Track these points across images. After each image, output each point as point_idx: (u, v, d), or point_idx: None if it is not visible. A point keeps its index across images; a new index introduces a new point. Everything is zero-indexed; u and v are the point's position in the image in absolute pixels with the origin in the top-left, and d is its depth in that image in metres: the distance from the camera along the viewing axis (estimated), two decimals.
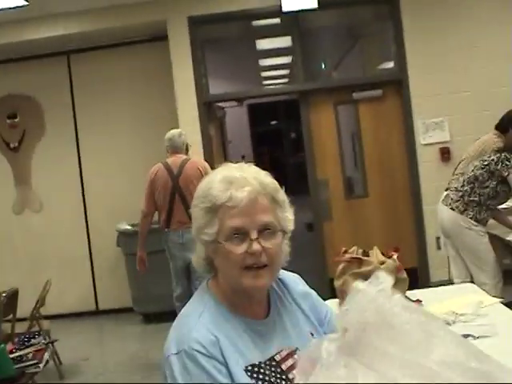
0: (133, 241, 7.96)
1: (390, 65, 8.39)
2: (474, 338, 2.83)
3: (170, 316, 8.13)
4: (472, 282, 5.19)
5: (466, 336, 2.85)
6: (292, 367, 1.83)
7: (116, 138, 8.61)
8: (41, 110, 8.71)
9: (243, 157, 14.44)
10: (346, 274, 3.49)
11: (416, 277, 7.79)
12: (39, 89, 8.66)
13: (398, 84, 8.07)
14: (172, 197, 6.27)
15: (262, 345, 1.87)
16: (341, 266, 3.57)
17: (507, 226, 5.78)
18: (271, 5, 7.75)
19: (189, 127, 7.93)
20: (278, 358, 1.86)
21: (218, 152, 8.70)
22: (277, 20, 8.49)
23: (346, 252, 3.61)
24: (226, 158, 9.60)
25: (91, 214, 8.71)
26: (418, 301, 3.35)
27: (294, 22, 8.09)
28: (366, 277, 3.37)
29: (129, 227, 8.13)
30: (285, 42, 8.90)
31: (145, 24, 8.04)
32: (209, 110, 8.31)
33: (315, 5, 7.50)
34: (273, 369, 1.84)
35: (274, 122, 18.90)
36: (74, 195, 8.68)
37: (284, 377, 1.83)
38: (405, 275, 3.47)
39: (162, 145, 8.40)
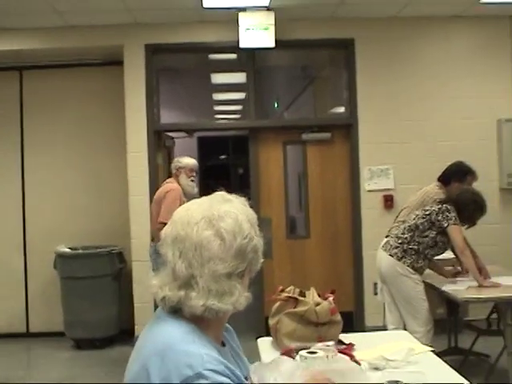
0: (70, 264, 7.88)
1: (341, 109, 8.50)
2: None
3: (101, 343, 8.05)
4: (405, 329, 5.25)
5: (394, 382, 2.87)
6: None
7: (62, 159, 8.50)
8: None
9: None
10: (280, 313, 3.51)
11: (351, 321, 7.84)
12: None
13: (347, 129, 8.17)
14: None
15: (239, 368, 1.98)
16: (276, 305, 3.59)
17: (443, 276, 5.88)
18: (229, 40, 7.79)
19: (137, 154, 7.91)
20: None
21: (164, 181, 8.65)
22: (233, 55, 8.56)
23: (282, 291, 3.63)
24: None
25: (30, 233, 8.55)
26: (351, 344, 3.36)
27: (250, 58, 8.15)
28: (300, 317, 3.41)
29: (67, 250, 8.02)
30: (239, 77, 8.95)
31: (101, 47, 8.00)
32: (158, 138, 8.28)
33: (272, 44, 7.58)
34: None
35: (222, 157, 18.96)
36: (14, 213, 8.51)
37: None
38: (339, 318, 3.50)
39: (106, 168, 8.41)
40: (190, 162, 7.14)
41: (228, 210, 1.87)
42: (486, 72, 8.17)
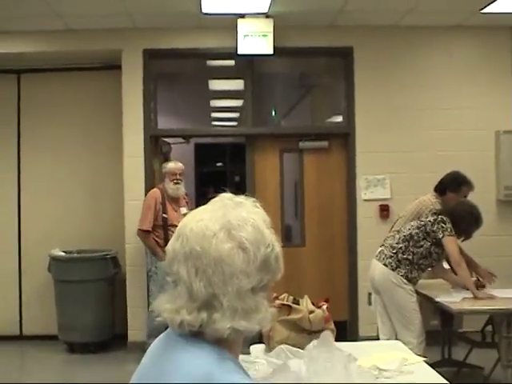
0: (64, 267, 7.87)
1: (339, 118, 8.51)
2: None
3: (95, 347, 8.03)
4: (397, 339, 5.23)
5: None
6: None
7: (58, 162, 8.49)
8: None
9: (186, 194, 14.40)
10: (274, 320, 3.48)
11: (345, 330, 7.82)
12: None
13: (344, 137, 8.17)
14: None
15: None
16: None
17: (456, 284, 5.86)
18: (227, 46, 7.79)
19: (133, 158, 7.91)
20: None
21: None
22: (231, 62, 8.56)
23: (276, 298, 3.60)
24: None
25: (25, 236, 8.53)
26: None
27: (248, 65, 8.15)
28: (293, 324, 3.40)
29: (62, 253, 8.00)
30: (237, 84, 8.95)
31: (100, 51, 8.01)
32: (155, 143, 8.28)
33: (271, 51, 7.59)
34: None
35: (219, 164, 18.93)
36: (9, 215, 8.49)
37: None
38: (332, 326, 3.49)
39: (102, 172, 8.40)
40: (172, 165, 7.52)
41: (246, 217, 1.65)
42: (486, 83, 8.16)
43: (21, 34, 7.81)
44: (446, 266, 6.07)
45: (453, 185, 6.41)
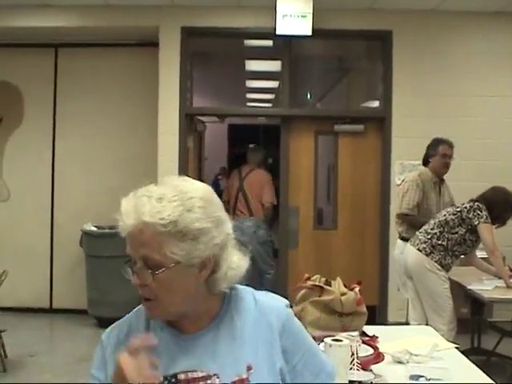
0: (96, 242, 7.91)
1: (375, 103, 8.43)
2: (426, 379, 2.81)
3: None
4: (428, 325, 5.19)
5: (418, 377, 2.83)
6: None
7: (93, 138, 8.54)
8: (21, 99, 8.60)
9: (218, 174, 14.43)
10: (305, 301, 3.47)
11: (374, 315, 7.78)
12: (23, 78, 8.56)
13: (380, 122, 8.10)
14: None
15: (175, 359, 1.78)
16: (302, 293, 3.55)
17: (488, 272, 5.85)
18: (265, 26, 7.76)
19: (168, 136, 7.90)
20: (181, 376, 1.75)
21: (192, 166, 8.66)
22: (269, 42, 8.51)
23: (308, 279, 3.58)
24: (200, 173, 9.56)
25: (58, 210, 8.59)
26: (375, 336, 3.32)
27: (286, 46, 8.10)
28: (325, 305, 3.37)
29: (94, 228, 8.04)
30: (274, 65, 8.90)
31: (137, 27, 7.99)
32: (190, 122, 8.27)
33: (309, 32, 7.53)
34: None
35: (252, 145, 18.90)
36: (43, 189, 8.56)
37: None
38: (364, 309, 3.45)
39: (137, 149, 8.41)
40: None
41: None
42: None
43: (59, 7, 7.83)
44: (478, 253, 6.03)
45: (430, 149, 6.58)
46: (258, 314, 1.84)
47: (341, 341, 2.36)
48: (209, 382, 1.74)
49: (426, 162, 6.64)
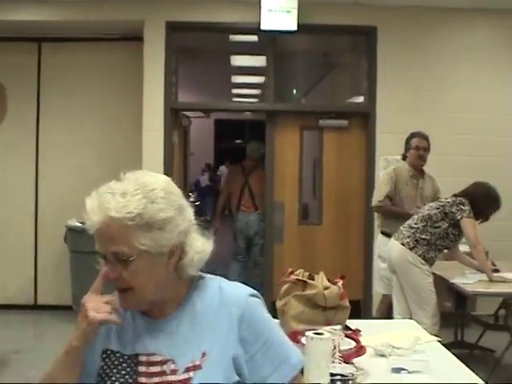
0: (80, 238, 7.87)
1: (360, 99, 8.46)
2: (408, 372, 2.83)
3: None
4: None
5: (399, 369, 2.85)
6: (151, 374, 1.82)
7: (77, 133, 8.49)
8: (4, 94, 8.55)
9: (204, 170, 14.45)
10: (289, 295, 3.47)
11: (359, 309, 7.82)
12: (6, 72, 8.47)
13: (364, 117, 8.12)
14: None
15: (141, 341, 1.88)
16: (285, 287, 3.56)
17: (471, 266, 5.89)
18: (251, 21, 7.75)
19: (152, 131, 7.89)
20: (142, 358, 1.85)
21: (178, 161, 8.65)
22: (254, 38, 8.50)
23: (291, 273, 3.59)
24: (185, 169, 9.56)
25: (42, 205, 8.55)
26: (357, 330, 3.33)
27: (271, 42, 8.10)
28: (308, 300, 3.38)
29: (78, 224, 8.01)
30: (259, 61, 8.90)
31: (121, 22, 7.95)
32: (175, 117, 8.26)
33: (294, 27, 7.54)
34: (127, 364, 1.85)
35: (238, 141, 18.92)
36: (27, 184, 8.51)
37: (134, 377, 1.83)
38: (347, 303, 3.46)
39: (122, 145, 8.37)
40: None
41: None
42: (509, 66, 8.08)
43: (43, 1, 7.78)
44: (461, 248, 6.07)
45: (406, 143, 6.68)
46: (220, 302, 1.89)
47: (322, 334, 2.37)
48: (164, 366, 1.82)
49: (404, 157, 6.73)
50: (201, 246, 1.90)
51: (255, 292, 1.95)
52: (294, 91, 9.36)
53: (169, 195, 1.84)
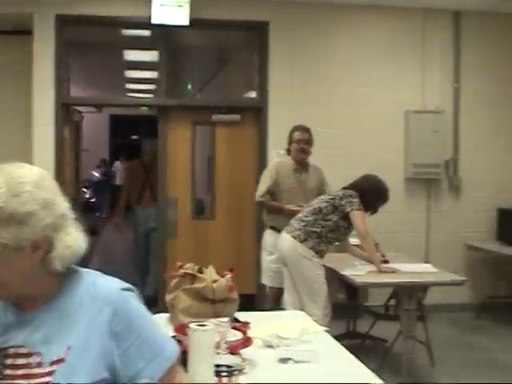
0: None
1: (253, 94, 8.50)
2: (294, 361, 2.88)
3: None
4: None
5: (286, 359, 2.89)
6: (16, 366, 1.81)
7: None
8: None
9: (98, 166, 14.26)
10: (178, 289, 3.48)
11: (253, 303, 7.86)
12: None
13: (257, 112, 8.18)
14: None
15: (11, 333, 1.86)
16: (174, 281, 3.56)
17: (361, 258, 6.00)
18: (142, 15, 7.68)
19: (43, 127, 7.72)
20: (11, 350, 1.84)
21: (69, 156, 8.49)
22: (146, 32, 8.43)
23: (181, 267, 3.59)
24: (78, 165, 9.39)
25: None
26: (246, 322, 3.36)
27: (163, 36, 8.06)
28: (197, 293, 3.39)
29: None
30: (152, 55, 8.83)
31: (10, 14, 7.69)
32: (66, 112, 8.11)
33: (186, 22, 7.52)
34: None
35: (134, 137, 18.75)
36: None
37: (0, 369, 1.82)
38: (236, 296, 3.49)
39: (11, 141, 8.15)
40: None
41: None
42: (397, 63, 8.31)
43: None
44: (352, 240, 6.19)
45: (289, 137, 6.70)
46: (92, 296, 1.87)
47: (206, 325, 2.38)
48: (30, 359, 1.80)
49: (289, 151, 6.75)
50: (72, 240, 1.86)
51: (129, 286, 1.93)
52: (189, 87, 9.33)
53: (35, 189, 1.80)
